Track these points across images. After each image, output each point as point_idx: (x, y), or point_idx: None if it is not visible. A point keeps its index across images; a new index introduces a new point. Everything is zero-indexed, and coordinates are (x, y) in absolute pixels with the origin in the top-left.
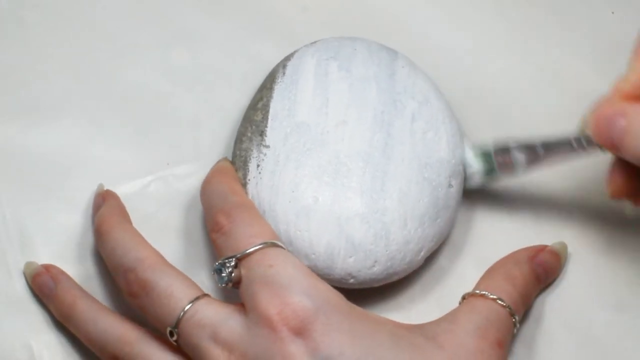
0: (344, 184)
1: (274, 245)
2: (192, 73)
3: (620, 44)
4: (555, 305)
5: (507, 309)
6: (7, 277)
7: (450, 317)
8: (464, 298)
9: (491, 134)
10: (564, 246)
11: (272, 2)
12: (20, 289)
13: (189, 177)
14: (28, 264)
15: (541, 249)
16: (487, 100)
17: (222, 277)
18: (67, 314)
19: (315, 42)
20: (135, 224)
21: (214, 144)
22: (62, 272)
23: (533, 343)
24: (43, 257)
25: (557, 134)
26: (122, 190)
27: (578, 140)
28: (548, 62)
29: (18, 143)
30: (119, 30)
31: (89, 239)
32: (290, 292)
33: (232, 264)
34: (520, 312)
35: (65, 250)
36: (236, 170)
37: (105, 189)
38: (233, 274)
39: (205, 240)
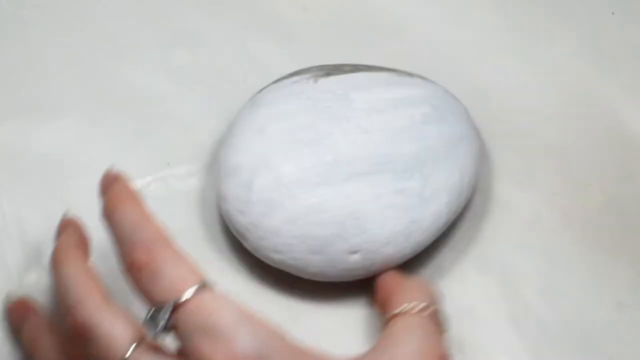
0: (304, 154)
1: (207, 288)
2: (192, 73)
3: (620, 44)
4: (555, 305)
5: (431, 309)
6: (7, 277)
7: (385, 343)
8: (387, 322)
9: (490, 133)
10: None
11: (272, 2)
12: (19, 288)
13: (189, 177)
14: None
15: None
16: (486, 99)
17: (159, 326)
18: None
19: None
20: None
21: (214, 144)
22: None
23: (532, 343)
24: (43, 257)
25: None
26: None
27: None
28: (548, 62)
29: (18, 143)
30: (119, 30)
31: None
32: (234, 341)
33: (170, 311)
34: (437, 299)
35: None
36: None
37: (69, 216)
38: (170, 321)
39: (205, 241)
